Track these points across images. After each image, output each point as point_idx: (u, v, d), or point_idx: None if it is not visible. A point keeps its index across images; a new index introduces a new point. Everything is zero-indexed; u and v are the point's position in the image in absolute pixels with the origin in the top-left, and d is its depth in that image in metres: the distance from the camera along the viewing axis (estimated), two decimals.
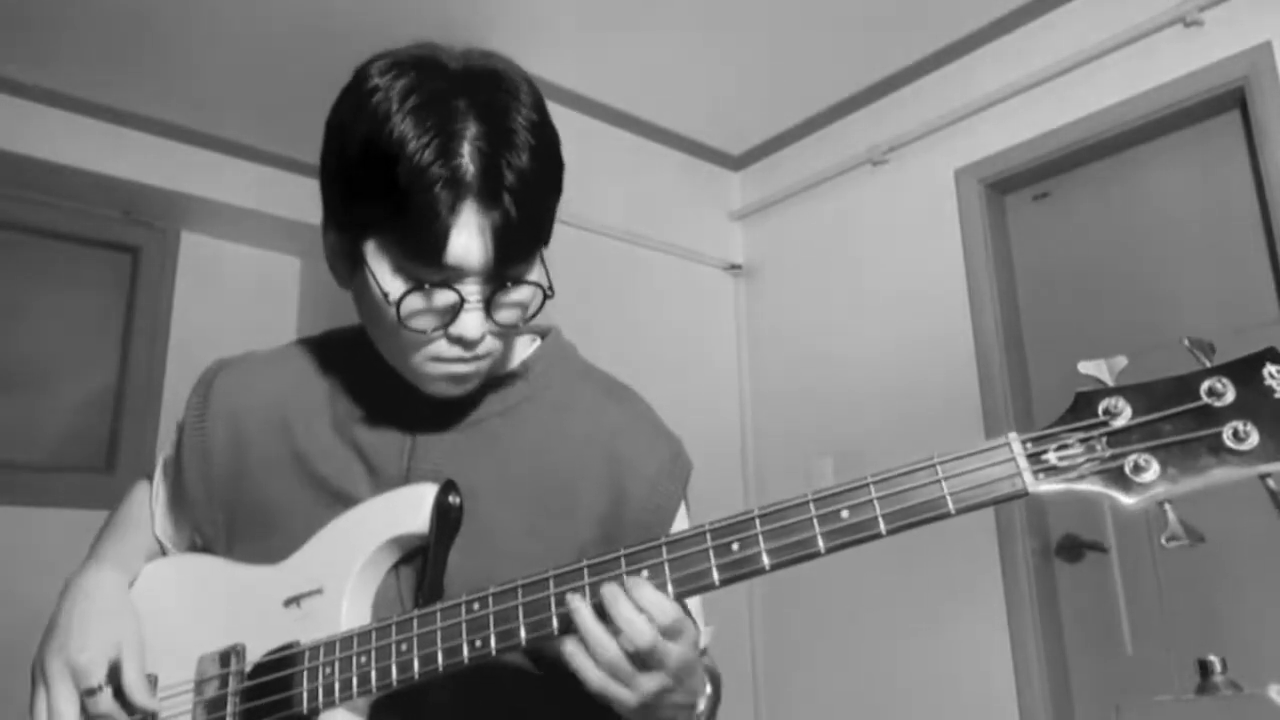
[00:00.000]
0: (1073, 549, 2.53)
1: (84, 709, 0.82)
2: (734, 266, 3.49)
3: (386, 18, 2.62)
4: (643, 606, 0.69)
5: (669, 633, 0.69)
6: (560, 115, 0.80)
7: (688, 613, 0.75)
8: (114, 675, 0.83)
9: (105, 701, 0.82)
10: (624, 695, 0.70)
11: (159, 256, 3.47)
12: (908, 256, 2.96)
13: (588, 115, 3.16)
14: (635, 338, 3.04)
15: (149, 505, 1.00)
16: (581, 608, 0.70)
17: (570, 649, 0.70)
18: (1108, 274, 2.58)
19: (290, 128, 3.21)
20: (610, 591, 0.69)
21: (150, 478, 1.01)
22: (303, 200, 3.39)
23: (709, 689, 0.78)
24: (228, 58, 2.86)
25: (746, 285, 3.51)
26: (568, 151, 0.80)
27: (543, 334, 0.95)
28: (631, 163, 3.30)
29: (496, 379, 0.88)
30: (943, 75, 2.95)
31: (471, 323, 0.75)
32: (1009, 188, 2.83)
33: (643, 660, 0.69)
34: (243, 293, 3.65)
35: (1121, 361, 0.64)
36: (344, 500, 0.83)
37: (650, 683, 0.70)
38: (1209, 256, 2.39)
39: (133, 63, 2.88)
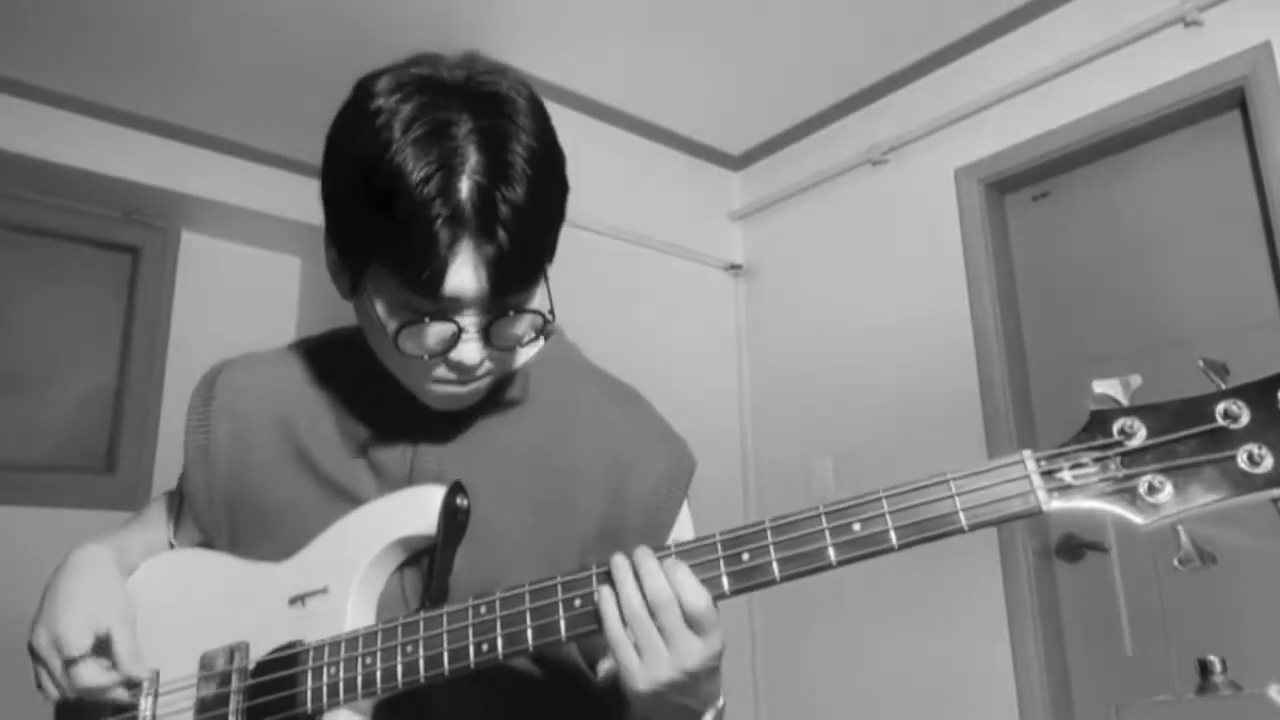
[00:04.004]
0: (1073, 549, 2.53)
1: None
2: (734, 266, 3.49)
3: (387, 18, 2.61)
4: (674, 580, 0.68)
5: (693, 620, 0.68)
6: (560, 115, 0.79)
7: None
8: (102, 647, 0.83)
9: (88, 672, 0.81)
10: (632, 662, 0.68)
11: (159, 256, 3.47)
12: (908, 256, 2.96)
13: (588, 115, 3.15)
14: (635, 338, 3.04)
15: (165, 510, 1.00)
16: (621, 560, 0.70)
17: (603, 594, 0.70)
18: (1108, 274, 2.58)
19: (290, 128, 3.21)
20: (647, 563, 0.69)
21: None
22: (303, 200, 3.39)
23: (721, 703, 0.77)
24: (228, 58, 2.86)
25: (746, 285, 3.51)
26: (568, 152, 0.80)
27: (546, 335, 0.96)
28: (631, 163, 3.29)
29: (499, 381, 0.88)
30: (942, 75, 2.95)
31: (470, 351, 0.76)
32: (1009, 188, 2.83)
33: (664, 632, 0.68)
34: (243, 293, 3.65)
35: (1136, 380, 0.65)
36: (348, 499, 0.83)
37: (660, 665, 0.67)
38: (1209, 256, 2.39)
39: (133, 63, 2.87)
